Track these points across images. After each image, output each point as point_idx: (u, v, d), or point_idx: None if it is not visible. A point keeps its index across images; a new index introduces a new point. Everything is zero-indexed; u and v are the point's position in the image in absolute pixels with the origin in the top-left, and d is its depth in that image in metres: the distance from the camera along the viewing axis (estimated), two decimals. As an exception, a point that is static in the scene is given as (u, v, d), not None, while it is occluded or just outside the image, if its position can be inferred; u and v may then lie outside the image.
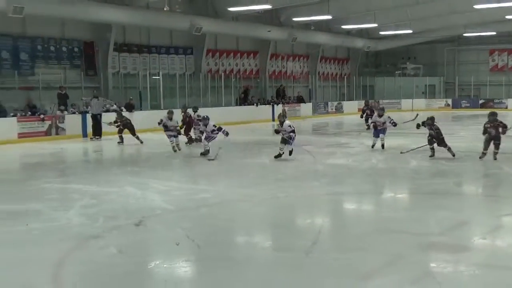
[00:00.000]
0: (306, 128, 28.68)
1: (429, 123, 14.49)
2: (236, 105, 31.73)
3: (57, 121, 22.02)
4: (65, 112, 22.55)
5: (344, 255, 6.82)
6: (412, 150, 14.51)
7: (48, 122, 21.57)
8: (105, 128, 21.10)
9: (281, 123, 15.42)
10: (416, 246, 7.03)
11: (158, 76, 27.25)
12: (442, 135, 14.56)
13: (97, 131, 21.44)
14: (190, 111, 20.27)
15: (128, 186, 11.67)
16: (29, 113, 21.68)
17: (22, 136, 20.57)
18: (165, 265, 6.81)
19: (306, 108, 35.89)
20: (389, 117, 17.18)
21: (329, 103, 38.47)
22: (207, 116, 16.75)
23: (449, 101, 42.19)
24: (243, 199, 10.43)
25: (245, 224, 8.83)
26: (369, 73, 44.47)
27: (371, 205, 10.58)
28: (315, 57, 39.57)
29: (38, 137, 21.03)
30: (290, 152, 14.96)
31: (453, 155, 14.34)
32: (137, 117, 23.28)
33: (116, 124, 19.54)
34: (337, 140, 20.19)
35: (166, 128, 16.99)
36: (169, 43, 29.63)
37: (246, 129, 25.15)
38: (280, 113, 16.49)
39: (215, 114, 27.22)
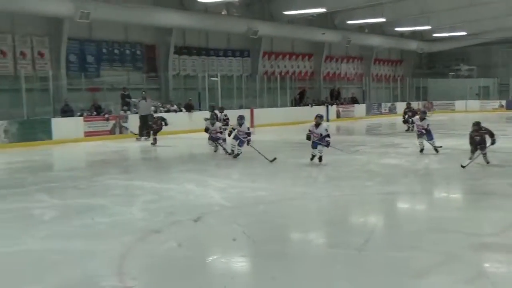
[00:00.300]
0: (359, 129, 28.41)
1: (476, 129, 13.47)
2: (291, 106, 31.65)
3: (121, 121, 22.43)
4: (128, 112, 22.91)
5: (397, 253, 6.72)
6: (471, 161, 13.89)
7: (112, 122, 22.00)
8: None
9: (317, 125, 14.22)
10: (470, 246, 6.84)
11: (216, 77, 27.35)
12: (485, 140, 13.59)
13: (146, 132, 21.43)
14: (216, 111, 19.76)
15: (187, 183, 11.77)
16: (95, 113, 22.17)
17: (88, 134, 21.03)
18: (222, 260, 6.84)
19: (359, 109, 35.55)
20: (428, 124, 15.88)
21: (382, 104, 37.97)
22: (242, 115, 15.81)
23: (503, 102, 40.87)
24: (298, 197, 10.37)
25: (300, 221, 8.77)
26: (422, 75, 43.68)
27: (424, 205, 10.37)
28: (368, 59, 39.19)
29: (103, 135, 21.47)
30: (320, 158, 13.94)
31: (487, 163, 13.40)
32: (196, 117, 23.52)
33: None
34: (390, 140, 19.94)
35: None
36: (226, 46, 29.80)
37: (300, 129, 24.96)
38: (318, 115, 14.70)
39: (270, 115, 27.42)
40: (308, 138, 14.11)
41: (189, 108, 25.11)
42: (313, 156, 14.03)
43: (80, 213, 9.25)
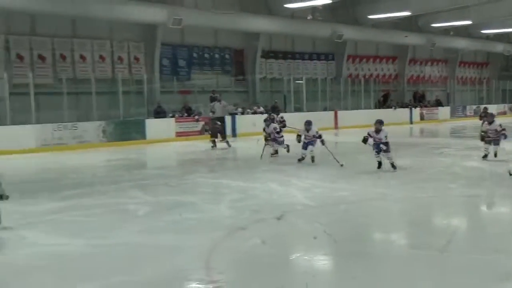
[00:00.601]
0: (444, 131, 27.65)
1: None
2: (375, 108, 31.17)
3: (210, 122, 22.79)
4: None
5: (480, 256, 6.47)
6: None
7: (201, 123, 22.34)
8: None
9: (377, 131, 13.01)
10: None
11: (302, 80, 27.36)
12: None
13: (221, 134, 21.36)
14: (274, 114, 19.41)
15: (270, 182, 11.81)
16: (186, 114, 22.62)
17: (179, 135, 21.50)
18: (305, 257, 6.80)
19: (444, 111, 34.60)
20: (500, 125, 14.30)
21: (467, 106, 36.71)
22: (310, 120, 14.83)
23: None
24: (380, 197, 10.17)
25: (381, 222, 8.63)
26: (509, 77, 41.92)
27: (507, 208, 9.93)
28: (453, 61, 38.05)
29: (193, 136, 21.87)
30: (379, 164, 13.04)
31: None
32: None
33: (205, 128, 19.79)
34: (475, 143, 19.28)
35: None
36: (312, 49, 29.77)
37: (384, 131, 24.68)
38: (378, 120, 13.37)
39: (354, 117, 27.11)
40: (365, 141, 13.13)
41: (275, 110, 25.19)
42: (379, 163, 13.06)
43: (170, 209, 9.46)
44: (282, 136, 16.10)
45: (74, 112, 20.16)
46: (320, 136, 14.23)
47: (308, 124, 14.51)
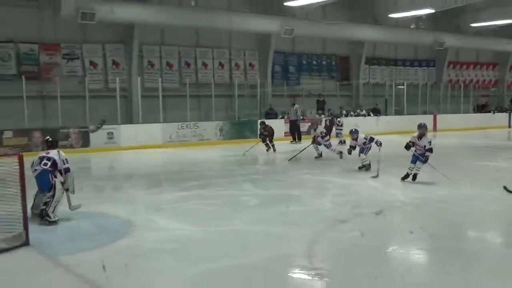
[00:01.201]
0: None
1: None
2: (473, 112, 29.87)
3: (317, 123, 22.86)
4: (322, 116, 23.29)
5: None
6: None
7: (308, 124, 22.41)
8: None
9: (420, 137, 11.30)
10: None
11: (403, 86, 26.86)
12: None
13: (297, 135, 21.21)
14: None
15: (371, 180, 11.82)
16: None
17: (287, 134, 21.58)
18: (401, 250, 6.86)
19: None
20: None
21: None
22: (354, 129, 13.64)
23: None
24: (478, 198, 9.90)
25: (478, 220, 8.45)
26: None
27: None
28: None
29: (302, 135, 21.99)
30: (415, 176, 11.29)
31: None
32: (381, 121, 23.43)
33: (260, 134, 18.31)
34: None
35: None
36: (413, 56, 29.09)
37: (481, 134, 23.71)
38: (421, 124, 11.62)
39: (453, 120, 26.20)
40: (408, 147, 11.45)
41: (376, 112, 24.96)
42: (407, 175, 11.38)
43: (278, 202, 9.69)
44: (327, 140, 15.30)
45: (195, 113, 20.95)
46: (372, 139, 12.87)
47: (352, 133, 13.33)
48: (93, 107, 18.52)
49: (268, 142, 17.61)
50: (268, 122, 19.45)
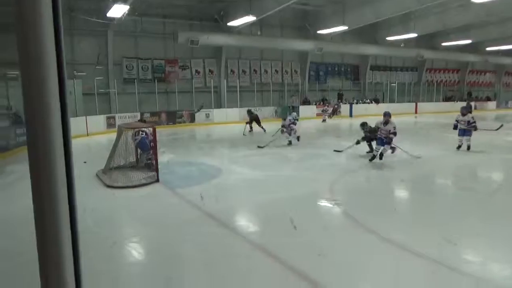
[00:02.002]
0: (490, 117, 24.44)
1: None
2: (443, 101, 27.95)
3: (338, 108, 22.46)
4: (340, 103, 22.81)
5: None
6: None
7: (331, 108, 22.00)
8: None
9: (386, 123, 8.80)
10: None
11: (395, 84, 25.70)
12: None
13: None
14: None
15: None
16: (321, 103, 22.44)
17: (318, 115, 21.32)
18: (393, 190, 6.72)
19: (491, 104, 29.90)
20: (472, 117, 10.33)
21: (509, 101, 31.18)
22: (389, 112, 9.22)
23: None
24: (444, 156, 9.50)
25: (443, 171, 8.14)
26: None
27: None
28: (500, 72, 32.54)
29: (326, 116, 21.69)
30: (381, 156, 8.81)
31: None
32: (379, 107, 22.55)
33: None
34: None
35: None
36: (402, 64, 27.40)
37: (447, 116, 22.50)
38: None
39: (429, 107, 24.89)
40: (374, 131, 9.16)
41: (376, 101, 24.11)
42: (373, 156, 8.89)
43: (311, 157, 9.67)
44: (293, 129, 11.88)
45: (259, 101, 20.92)
46: (394, 134, 8.67)
47: (386, 115, 8.95)
48: (197, 98, 18.82)
49: (251, 125, 15.01)
50: (303, 107, 19.19)
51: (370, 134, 9.60)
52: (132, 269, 3.81)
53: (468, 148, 10.07)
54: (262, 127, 14.92)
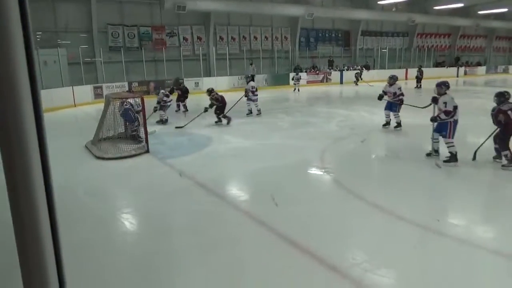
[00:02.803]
0: (480, 82, 24.50)
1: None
2: (433, 67, 27.74)
3: (327, 74, 22.26)
4: (331, 69, 22.64)
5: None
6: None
7: (321, 75, 21.88)
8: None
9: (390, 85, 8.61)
10: None
11: (385, 49, 25.44)
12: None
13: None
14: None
15: (363, 112, 11.54)
16: (313, 70, 22.22)
17: (309, 82, 21.15)
18: (379, 156, 6.77)
19: (481, 69, 29.65)
20: (399, 88, 8.60)
21: (498, 66, 31.09)
22: (395, 75, 8.97)
23: None
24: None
25: (420, 139, 8.18)
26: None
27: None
28: (491, 36, 32.38)
29: (317, 83, 21.55)
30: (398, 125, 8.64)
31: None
32: (370, 73, 22.36)
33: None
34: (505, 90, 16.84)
35: None
36: (393, 29, 27.04)
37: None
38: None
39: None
40: (380, 97, 8.69)
41: (367, 67, 23.92)
42: (387, 123, 8.88)
43: (301, 125, 9.68)
44: (256, 95, 11.01)
45: (250, 69, 20.62)
46: (402, 95, 8.53)
47: (392, 78, 8.72)
48: (186, 66, 18.49)
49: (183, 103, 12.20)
50: (297, 74, 19.04)
51: (217, 103, 9.42)
52: (123, 239, 3.85)
53: (398, 125, 8.67)
54: (184, 106, 12.02)
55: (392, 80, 8.74)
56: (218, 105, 9.53)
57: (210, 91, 9.65)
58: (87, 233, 3.88)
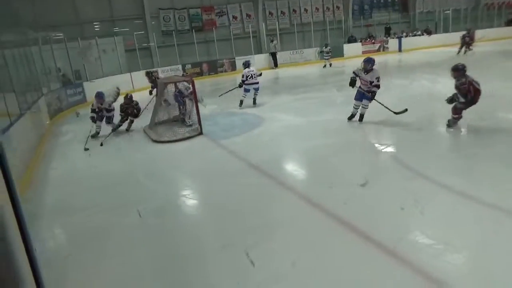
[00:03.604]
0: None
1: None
2: (506, 26, 25.15)
3: (383, 43, 21.06)
4: (388, 37, 21.39)
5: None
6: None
7: (378, 44, 20.78)
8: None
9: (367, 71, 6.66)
10: None
11: (449, 11, 23.41)
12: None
13: (274, 64, 18.27)
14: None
15: (424, 80, 10.83)
16: (368, 39, 21.16)
17: (364, 52, 20.22)
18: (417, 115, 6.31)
19: None
20: (378, 78, 6.66)
21: None
22: (372, 58, 6.90)
23: None
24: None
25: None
26: None
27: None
28: None
29: (373, 52, 20.42)
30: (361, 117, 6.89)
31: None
32: (431, 39, 20.79)
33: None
34: None
35: None
36: None
37: (510, 42, 20.37)
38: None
39: (488, 32, 22.61)
40: (352, 84, 6.84)
41: (428, 32, 22.25)
42: (352, 115, 7.03)
43: (308, 99, 9.32)
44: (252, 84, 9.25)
45: (301, 43, 20.08)
46: (378, 87, 6.68)
47: (369, 63, 6.67)
48: (236, 45, 18.44)
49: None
50: (348, 45, 18.19)
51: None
52: (186, 221, 3.95)
53: (361, 118, 6.89)
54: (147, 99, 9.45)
55: (370, 65, 6.65)
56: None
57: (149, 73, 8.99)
58: (152, 218, 4.04)
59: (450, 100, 6.04)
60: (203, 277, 2.94)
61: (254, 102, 9.41)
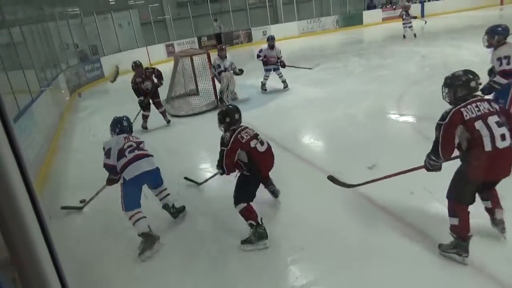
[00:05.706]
0: None
1: None
2: None
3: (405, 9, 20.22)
4: (410, 4, 20.46)
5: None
6: None
7: (399, 10, 19.89)
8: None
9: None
10: None
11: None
12: None
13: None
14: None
15: (447, 47, 10.45)
16: (389, 5, 20.35)
17: (384, 19, 19.53)
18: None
19: None
20: (280, 51, 7.72)
21: None
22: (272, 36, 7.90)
23: None
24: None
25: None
26: None
27: None
28: None
29: (393, 19, 19.65)
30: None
31: None
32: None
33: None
34: None
35: None
36: None
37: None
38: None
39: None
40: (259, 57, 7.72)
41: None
42: (263, 84, 7.95)
43: (376, 68, 9.10)
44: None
45: (318, 11, 19.50)
46: (282, 64, 7.72)
47: (272, 39, 7.65)
48: (252, 15, 18.07)
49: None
50: (368, 12, 17.52)
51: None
52: (209, 194, 4.03)
53: (285, 84, 7.74)
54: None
55: (272, 41, 7.53)
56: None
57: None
58: (169, 189, 4.13)
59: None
60: (213, 231, 3.02)
61: (285, 86, 7.93)
